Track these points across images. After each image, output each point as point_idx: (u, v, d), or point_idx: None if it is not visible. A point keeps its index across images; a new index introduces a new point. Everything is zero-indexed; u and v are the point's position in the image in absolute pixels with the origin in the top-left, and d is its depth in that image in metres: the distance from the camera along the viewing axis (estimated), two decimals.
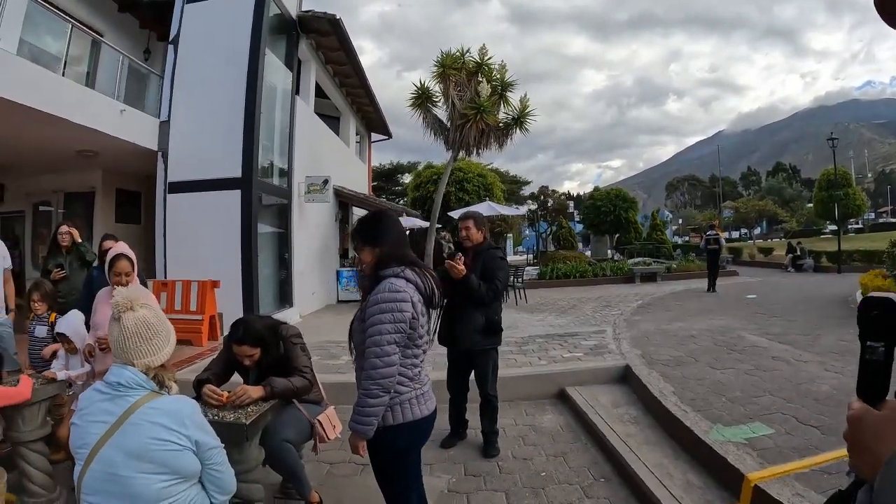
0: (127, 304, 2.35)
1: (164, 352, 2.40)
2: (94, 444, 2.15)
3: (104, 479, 2.11)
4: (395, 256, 2.87)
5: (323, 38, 15.07)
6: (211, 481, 2.35)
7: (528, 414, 6.16)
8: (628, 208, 31.14)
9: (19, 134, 10.49)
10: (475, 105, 14.29)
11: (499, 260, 5.14)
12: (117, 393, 2.21)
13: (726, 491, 3.68)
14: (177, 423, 2.19)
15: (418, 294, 2.82)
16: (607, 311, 12.27)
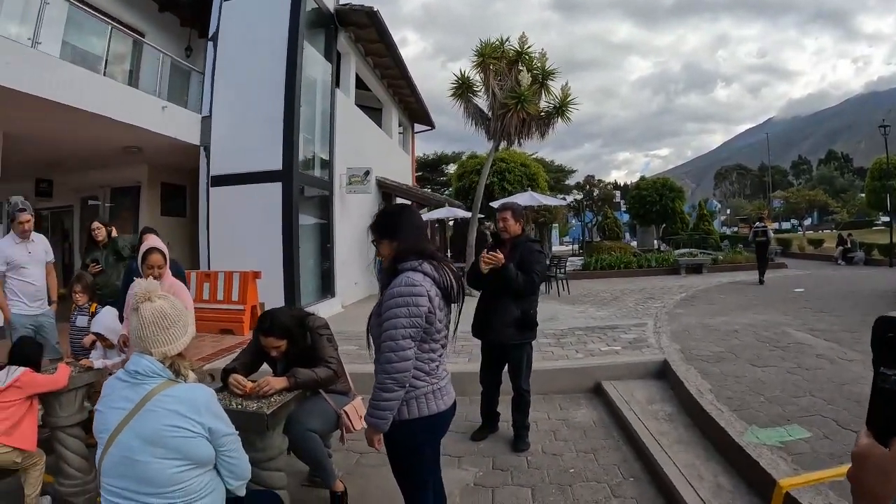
0: (145, 294, 2.42)
1: (181, 341, 2.44)
2: (113, 429, 2.22)
3: (122, 462, 2.18)
4: (412, 250, 2.82)
5: (361, 31, 15.10)
6: (225, 467, 2.40)
7: (562, 408, 6.07)
8: (675, 198, 30.63)
9: (66, 133, 10.86)
10: (515, 94, 14.13)
11: (536, 252, 5.04)
12: (135, 381, 2.29)
13: (757, 496, 3.54)
14: (191, 411, 2.24)
15: (436, 288, 2.76)
16: (650, 303, 12.06)
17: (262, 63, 11.95)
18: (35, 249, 6.07)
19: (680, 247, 26.11)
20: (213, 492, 2.33)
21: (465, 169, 28.58)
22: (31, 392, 3.97)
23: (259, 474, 3.33)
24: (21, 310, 5.90)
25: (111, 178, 15.33)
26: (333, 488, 3.95)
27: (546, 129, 15.20)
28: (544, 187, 27.24)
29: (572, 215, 50.08)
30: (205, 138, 12.49)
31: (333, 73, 13.96)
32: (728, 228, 60.40)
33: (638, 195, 31.92)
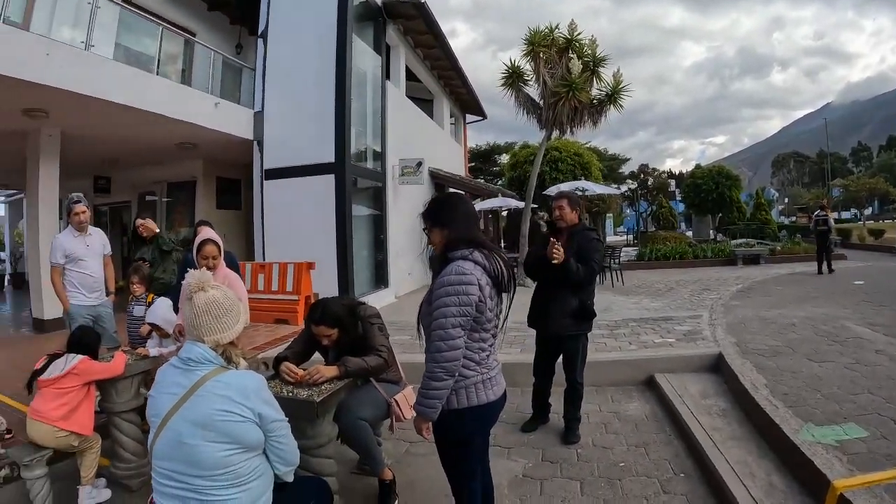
0: (198, 285, 2.49)
1: (233, 330, 2.51)
2: (164, 413, 2.30)
3: (173, 446, 2.26)
4: (463, 238, 2.82)
5: (410, 23, 15.15)
6: (274, 452, 2.45)
7: (614, 400, 5.99)
8: (731, 186, 29.87)
9: (121, 131, 11.28)
10: (566, 82, 13.96)
11: (594, 241, 4.96)
12: (188, 367, 2.36)
13: (810, 497, 3.43)
14: (241, 396, 2.30)
15: (486, 277, 2.75)
16: (705, 294, 11.82)
17: (312, 58, 12.10)
18: (93, 242, 6.27)
19: (736, 237, 25.49)
20: (261, 476, 2.39)
21: (518, 159, 28.45)
22: (89, 379, 4.13)
23: (308, 461, 3.40)
24: (80, 300, 6.11)
25: (167, 174, 15.85)
26: (382, 476, 3.98)
27: (598, 116, 14.97)
28: (597, 176, 26.95)
29: (626, 205, 49.52)
30: (258, 133, 12.80)
31: (383, 66, 14.05)
32: (786, 218, 58.83)
33: (693, 184, 31.25)
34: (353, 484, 4.29)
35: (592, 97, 14.73)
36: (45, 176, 10.72)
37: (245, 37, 15.74)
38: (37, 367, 4.10)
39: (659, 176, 52.56)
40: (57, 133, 10.80)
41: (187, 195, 15.95)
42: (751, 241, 21.97)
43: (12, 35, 7.87)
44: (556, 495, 3.99)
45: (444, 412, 2.78)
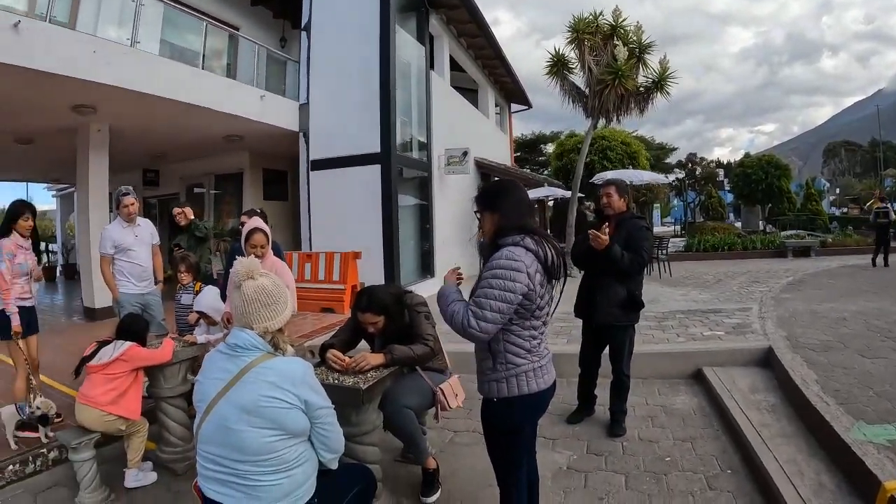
0: (247, 273, 2.50)
1: (282, 317, 2.53)
2: (211, 398, 2.34)
3: (218, 430, 2.30)
4: (515, 225, 2.77)
5: (452, 12, 15.09)
6: (319, 439, 2.47)
7: (661, 394, 5.93)
8: (781, 176, 29.26)
9: (169, 125, 11.56)
10: (612, 69, 13.79)
11: (643, 230, 4.86)
12: (235, 353, 2.40)
13: (860, 498, 3.33)
14: (287, 383, 2.32)
15: (538, 264, 2.70)
16: (755, 287, 11.59)
17: (355, 49, 12.16)
18: (141, 233, 6.37)
19: (786, 228, 24.99)
20: (305, 462, 2.40)
21: (565, 148, 28.24)
22: (137, 365, 4.25)
23: (353, 448, 3.43)
24: (129, 289, 6.23)
25: (215, 166, 16.16)
26: (426, 465, 3.98)
27: (645, 104, 14.74)
28: (645, 165, 26.57)
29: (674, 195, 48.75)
30: (303, 124, 12.95)
31: (427, 56, 14.02)
32: (836, 209, 57.27)
33: (742, 173, 30.68)
34: (397, 472, 4.31)
35: (639, 84, 14.53)
36: (95, 170, 10.98)
37: (288, 30, 15.88)
38: (86, 353, 4.23)
39: (707, 165, 51.50)
40: (105, 128, 11.04)
41: (234, 187, 16.25)
42: (801, 233, 21.53)
43: (59, 34, 8.08)
44: (600, 489, 3.96)
45: (493, 401, 2.81)
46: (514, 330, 2.76)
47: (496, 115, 23.97)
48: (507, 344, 2.78)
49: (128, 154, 13.95)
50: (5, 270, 5.00)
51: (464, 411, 5.36)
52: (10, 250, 5.06)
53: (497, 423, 2.90)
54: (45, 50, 7.72)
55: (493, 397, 2.82)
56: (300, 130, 13.08)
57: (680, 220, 44.58)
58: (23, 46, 7.42)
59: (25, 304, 5.24)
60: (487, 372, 2.87)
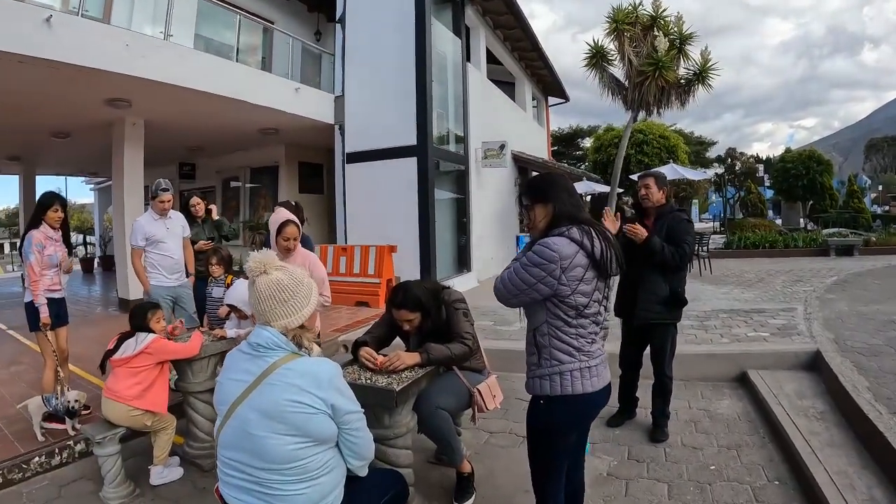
0: (259, 267, 2.36)
1: (302, 313, 2.39)
2: (232, 401, 2.22)
3: (239, 435, 2.18)
4: (566, 215, 2.66)
5: (488, 3, 14.97)
6: (347, 446, 2.34)
7: (705, 397, 5.72)
8: (822, 171, 28.63)
9: (204, 118, 11.70)
10: (653, 61, 13.53)
11: (685, 223, 4.66)
12: (257, 353, 2.27)
13: None
14: (313, 385, 2.19)
15: (584, 257, 2.56)
16: (798, 286, 11.26)
17: (390, 41, 12.13)
18: (172, 225, 6.40)
19: (829, 226, 24.40)
20: (332, 470, 2.29)
21: (602, 142, 27.95)
22: (162, 358, 4.22)
23: (385, 451, 3.33)
24: (160, 281, 6.25)
25: (250, 159, 16.35)
26: (460, 469, 3.86)
27: (686, 96, 14.43)
28: (684, 160, 26.21)
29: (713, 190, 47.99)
30: (338, 117, 12.98)
31: (463, 48, 13.92)
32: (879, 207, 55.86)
33: (783, 168, 30.08)
34: (430, 474, 4.22)
35: (680, 76, 14.26)
36: (130, 163, 11.13)
37: (323, 23, 15.89)
38: (109, 346, 4.21)
39: (747, 160, 50.64)
40: (140, 122, 11.19)
41: (270, 180, 16.35)
42: (843, 231, 20.98)
43: (91, 28, 8.23)
44: (642, 498, 3.81)
45: (534, 397, 2.70)
46: (559, 326, 2.63)
47: (533, 108, 23.80)
48: (552, 339, 2.65)
49: (164, 147, 14.21)
50: (34, 262, 5.02)
51: (500, 411, 5.25)
52: (39, 241, 5.08)
53: (538, 423, 2.76)
54: (78, 44, 7.84)
55: (536, 395, 2.70)
56: (335, 123, 13.10)
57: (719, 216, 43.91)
58: (55, 41, 7.55)
59: (55, 296, 5.26)
60: (533, 367, 2.75)
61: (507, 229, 17.23)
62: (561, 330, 2.63)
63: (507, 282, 2.65)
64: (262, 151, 15.88)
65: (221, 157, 16.87)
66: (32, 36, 7.31)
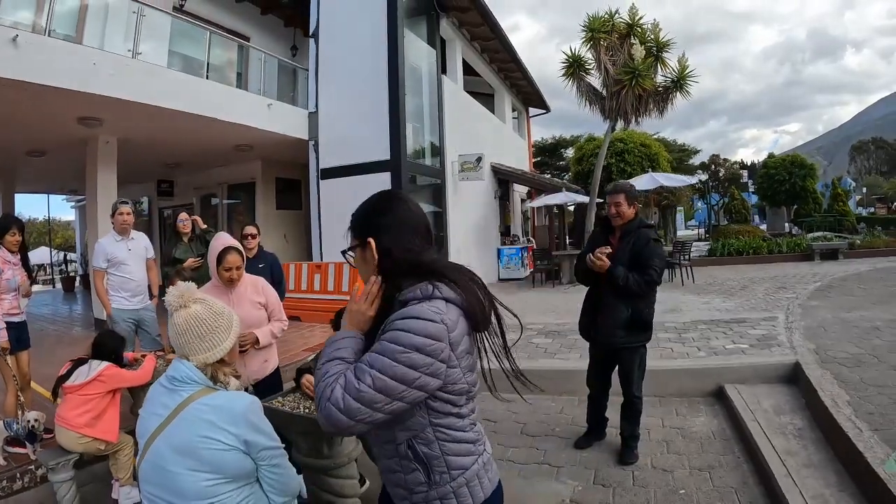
0: (178, 301, 2.24)
1: (221, 347, 2.25)
2: (149, 435, 2.12)
3: (155, 471, 2.07)
4: (412, 262, 1.83)
5: (463, 15, 14.88)
6: (266, 482, 2.18)
7: (679, 414, 5.50)
8: (805, 176, 28.69)
9: (178, 136, 11.61)
10: (629, 69, 13.47)
11: (653, 244, 4.37)
12: (173, 387, 2.16)
13: None
14: (226, 421, 2.05)
15: (463, 318, 1.77)
16: (781, 293, 11.10)
17: (364, 54, 12.06)
18: (135, 246, 6.28)
19: (813, 230, 24.38)
20: None
21: (584, 152, 27.83)
22: (114, 386, 4.14)
23: (327, 482, 3.22)
24: (121, 304, 6.10)
25: (228, 176, 16.21)
26: None
27: (664, 104, 14.43)
28: (666, 168, 26.12)
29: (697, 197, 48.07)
30: (312, 133, 12.89)
31: (438, 60, 13.83)
32: (864, 209, 56.03)
33: (766, 174, 30.16)
34: None
35: (657, 84, 14.19)
36: (103, 181, 10.98)
37: (300, 38, 15.82)
38: (61, 372, 4.12)
39: (731, 167, 50.76)
40: (114, 140, 11.07)
41: (248, 196, 16.18)
42: (828, 235, 20.97)
43: (58, 47, 8.19)
44: None
45: None
46: (450, 423, 1.81)
47: (513, 119, 23.74)
48: (444, 444, 1.80)
49: (141, 165, 14.08)
50: None
51: None
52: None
53: None
54: (44, 63, 7.80)
55: None
56: (309, 138, 12.99)
57: (704, 224, 43.98)
58: (21, 60, 7.52)
59: (14, 320, 5.12)
60: (420, 490, 1.82)
61: (488, 242, 17.11)
62: (454, 427, 1.83)
63: (364, 394, 1.62)
64: (239, 168, 15.70)
65: (199, 173, 16.69)
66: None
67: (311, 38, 12.97)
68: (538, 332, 8.63)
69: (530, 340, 8.10)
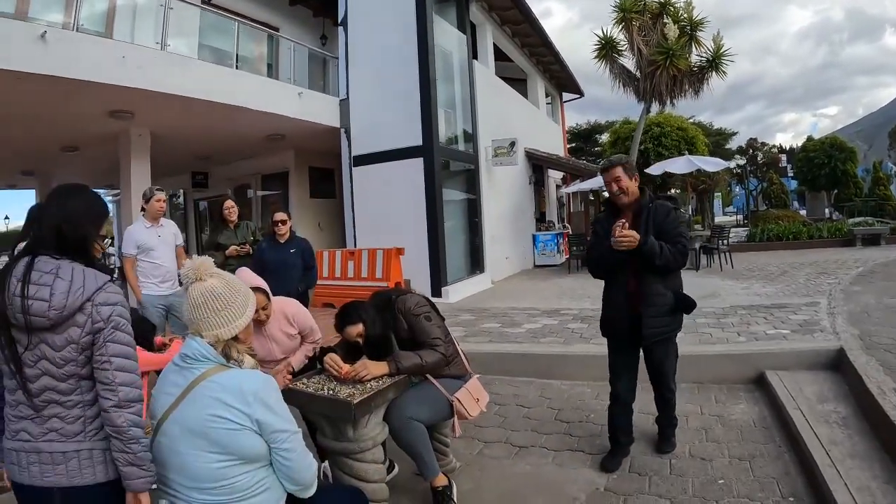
0: (194, 274, 2.21)
1: (236, 323, 2.23)
2: (160, 415, 2.11)
3: (167, 452, 2.07)
4: None
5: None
6: (278, 468, 2.14)
7: (718, 402, 5.33)
8: (846, 159, 28.04)
9: (210, 126, 11.79)
10: (663, 49, 13.22)
11: (673, 212, 3.91)
12: (185, 365, 2.14)
13: None
14: (237, 400, 2.02)
15: None
16: (822, 279, 10.79)
17: (393, 41, 12.01)
18: (164, 233, 6.38)
19: (854, 215, 23.82)
20: (266, 490, 2.10)
21: (619, 135, 27.43)
22: (141, 369, 4.06)
23: (351, 465, 3.16)
24: (152, 291, 6.24)
25: (261, 166, 16.49)
26: (432, 483, 3.54)
27: (700, 85, 14.17)
28: (703, 151, 25.66)
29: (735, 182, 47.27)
30: (344, 120, 12.93)
31: (469, 45, 13.71)
32: None
33: (805, 158, 29.53)
34: (414, 485, 3.95)
35: (692, 64, 13.93)
36: (137, 174, 11.15)
37: (329, 28, 15.83)
38: None
39: (769, 151, 49.80)
40: (146, 132, 11.25)
41: (281, 186, 16.40)
42: (869, 220, 20.47)
43: (86, 42, 8.34)
44: None
45: None
46: None
47: (547, 104, 23.53)
48: None
49: (174, 157, 14.33)
50: None
51: (497, 419, 5.10)
52: None
53: None
54: (73, 58, 7.95)
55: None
56: (341, 126, 13.01)
57: (742, 209, 43.26)
58: (50, 56, 7.66)
59: None
60: None
61: (522, 228, 17.01)
62: None
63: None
64: (272, 158, 15.88)
65: (232, 164, 16.93)
66: (28, 52, 7.43)
67: (340, 27, 12.96)
68: (574, 318, 8.53)
69: (566, 326, 8.01)
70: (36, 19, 8.01)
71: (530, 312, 9.26)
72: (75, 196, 2.16)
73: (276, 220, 6.43)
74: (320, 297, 10.71)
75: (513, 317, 8.90)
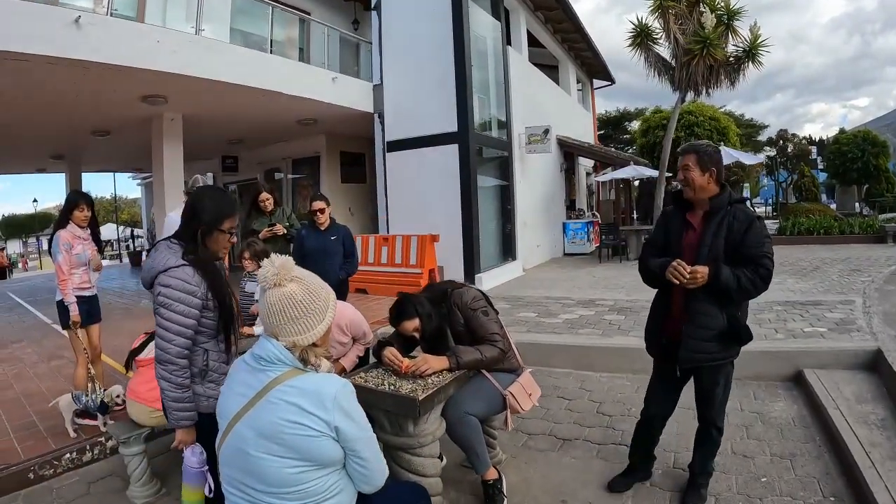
0: (273, 278, 2.14)
1: (315, 331, 2.15)
2: (231, 416, 2.07)
3: (237, 454, 2.03)
4: None
5: None
6: (354, 473, 2.13)
7: (758, 398, 5.37)
8: (878, 154, 27.58)
9: (242, 111, 11.81)
10: (700, 38, 13.12)
11: (756, 223, 3.26)
12: (259, 366, 2.09)
13: None
14: (316, 406, 1.98)
15: None
16: (855, 276, 10.68)
17: (427, 26, 11.97)
18: None
19: (885, 211, 23.52)
20: (340, 493, 2.09)
21: (650, 124, 27.25)
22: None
23: (410, 461, 3.19)
24: None
25: (292, 150, 16.59)
26: (484, 476, 3.60)
27: (736, 75, 14.02)
28: (735, 142, 25.43)
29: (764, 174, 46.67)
30: (378, 105, 12.93)
31: (503, 31, 13.69)
32: None
33: (837, 150, 29.10)
34: (462, 477, 4.03)
35: (729, 54, 13.81)
36: (170, 158, 11.31)
37: (360, 12, 15.81)
38: (134, 345, 4.17)
39: (799, 142, 49.11)
40: (178, 117, 11.36)
41: (312, 170, 16.49)
42: None
43: (120, 26, 8.40)
44: None
45: None
46: None
47: (578, 91, 23.42)
48: None
49: (205, 141, 14.46)
50: (62, 261, 5.05)
51: (540, 411, 5.10)
52: (67, 241, 5.10)
53: None
54: (107, 43, 8.02)
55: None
56: (375, 111, 13.04)
57: (770, 201, 42.76)
58: (84, 41, 7.75)
59: (85, 294, 5.30)
60: None
61: (553, 216, 17.03)
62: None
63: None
64: (303, 142, 15.97)
65: (262, 148, 17.07)
66: (62, 37, 7.50)
67: (374, 12, 12.97)
68: (609, 309, 8.58)
69: (602, 317, 8.06)
70: (69, 4, 8.05)
71: (564, 302, 9.32)
72: None
73: (314, 210, 6.35)
74: (353, 283, 10.77)
75: (548, 306, 8.95)
